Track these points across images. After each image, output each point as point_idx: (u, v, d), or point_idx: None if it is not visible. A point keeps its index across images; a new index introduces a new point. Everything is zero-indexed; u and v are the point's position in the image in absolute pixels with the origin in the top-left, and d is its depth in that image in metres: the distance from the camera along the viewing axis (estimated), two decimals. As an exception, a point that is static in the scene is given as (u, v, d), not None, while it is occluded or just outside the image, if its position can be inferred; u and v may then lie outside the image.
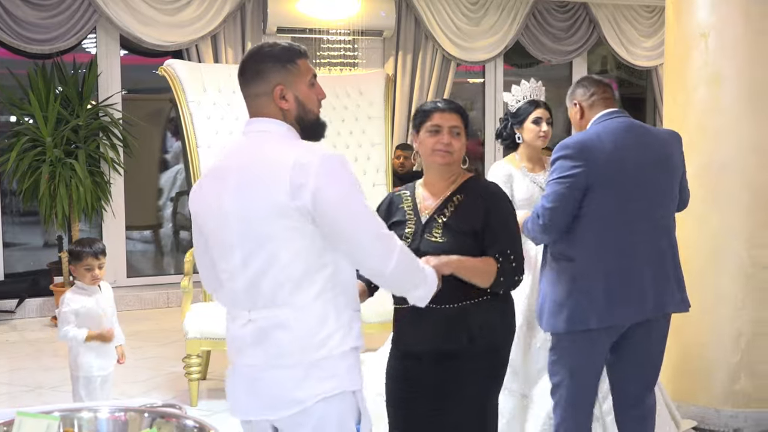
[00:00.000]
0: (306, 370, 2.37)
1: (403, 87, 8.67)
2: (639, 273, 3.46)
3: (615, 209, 3.43)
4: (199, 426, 1.91)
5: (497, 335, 3.03)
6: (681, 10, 4.85)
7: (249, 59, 2.50)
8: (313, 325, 2.37)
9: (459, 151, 3.03)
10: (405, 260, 2.44)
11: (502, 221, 2.99)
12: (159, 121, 8.93)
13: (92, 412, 1.98)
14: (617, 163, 3.42)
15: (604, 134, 3.46)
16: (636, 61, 9.69)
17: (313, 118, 2.50)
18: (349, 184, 2.36)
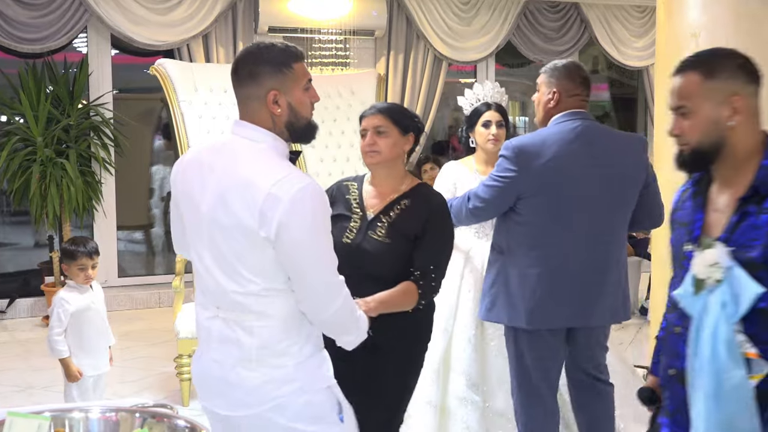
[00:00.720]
0: (266, 375, 2.41)
1: (394, 87, 8.67)
2: (564, 283, 3.45)
3: (548, 218, 3.43)
4: (191, 426, 1.91)
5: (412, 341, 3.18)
6: (672, 10, 4.86)
7: (244, 59, 2.46)
8: (276, 334, 2.41)
9: (387, 149, 3.09)
10: (346, 309, 2.45)
11: (437, 235, 3.06)
12: (150, 121, 8.91)
13: (83, 413, 1.97)
14: (554, 171, 3.40)
15: (552, 140, 3.45)
16: (627, 61, 9.71)
17: (305, 123, 2.49)
18: (313, 226, 2.34)
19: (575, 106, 3.53)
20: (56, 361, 4.33)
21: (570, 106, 3.53)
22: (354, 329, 2.53)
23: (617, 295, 3.57)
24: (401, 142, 3.12)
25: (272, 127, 2.44)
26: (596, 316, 3.55)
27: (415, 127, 3.18)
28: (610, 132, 3.65)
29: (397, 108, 3.22)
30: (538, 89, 3.62)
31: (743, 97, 2.27)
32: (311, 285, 2.37)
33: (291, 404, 2.42)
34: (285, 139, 2.47)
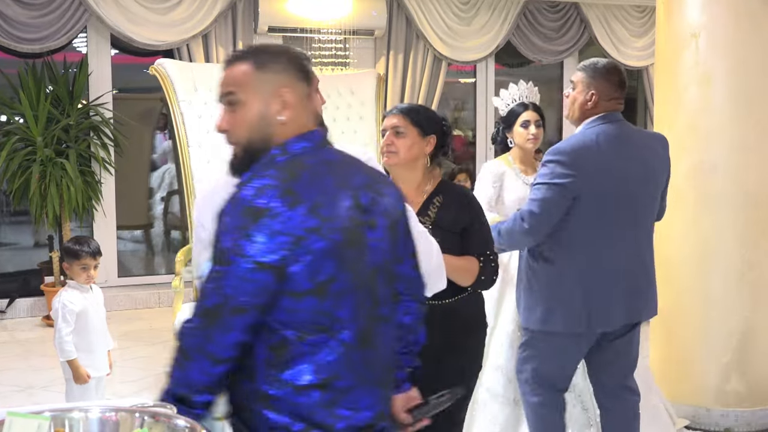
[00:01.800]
0: None
1: (394, 87, 8.66)
2: (615, 284, 3.47)
3: (599, 219, 3.43)
4: (190, 426, 1.91)
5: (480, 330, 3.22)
6: (672, 10, 4.86)
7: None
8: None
9: (404, 149, 3.11)
10: None
11: (483, 224, 3.13)
12: (150, 121, 8.91)
13: (83, 412, 1.97)
14: (605, 173, 3.42)
15: (603, 141, 3.44)
16: (627, 61, 9.70)
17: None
18: None
19: (612, 109, 3.52)
20: (56, 361, 4.33)
21: (606, 109, 3.50)
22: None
23: (653, 291, 3.64)
24: (420, 144, 3.12)
25: None
26: (646, 311, 3.63)
27: (438, 129, 3.16)
28: (640, 132, 3.72)
29: (419, 109, 3.22)
30: (574, 86, 3.56)
31: (293, 91, 2.14)
32: None
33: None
34: None
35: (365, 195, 2.16)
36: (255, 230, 1.99)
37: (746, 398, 4.74)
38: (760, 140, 4.70)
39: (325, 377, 2.06)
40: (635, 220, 3.50)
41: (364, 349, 2.12)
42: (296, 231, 2.00)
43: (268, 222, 1.99)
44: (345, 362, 2.08)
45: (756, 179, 4.70)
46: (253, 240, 1.99)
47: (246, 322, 2.04)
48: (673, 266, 4.87)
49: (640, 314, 3.60)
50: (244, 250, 1.99)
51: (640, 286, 3.54)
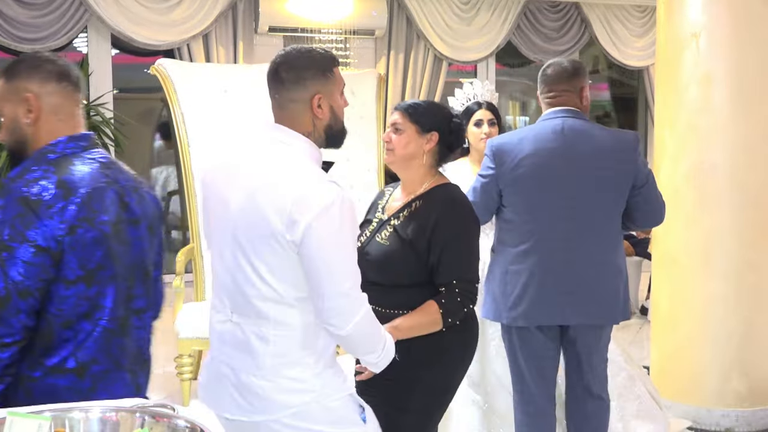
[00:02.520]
0: (280, 384, 2.38)
1: (395, 87, 8.67)
2: (540, 280, 3.45)
3: (526, 215, 3.46)
4: (191, 426, 1.91)
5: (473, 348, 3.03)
6: (672, 11, 4.86)
7: (287, 63, 2.44)
8: (293, 345, 2.37)
9: (400, 147, 2.98)
10: (365, 327, 2.35)
11: (451, 242, 2.82)
12: (150, 121, 8.91)
13: (84, 412, 1.97)
14: (527, 169, 3.43)
15: (529, 137, 3.49)
16: (627, 60, 9.71)
17: (341, 126, 2.55)
18: (340, 235, 2.29)
19: (548, 105, 3.56)
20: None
21: (546, 105, 3.57)
22: (378, 349, 2.43)
23: (609, 295, 3.53)
24: (418, 141, 2.95)
25: (312, 131, 2.45)
26: (582, 315, 3.52)
27: (442, 126, 2.97)
28: (594, 129, 3.57)
29: (420, 105, 3.03)
30: None
31: (37, 96, 2.39)
32: (331, 296, 2.28)
33: (310, 411, 2.38)
34: (320, 144, 2.48)
35: (130, 195, 2.46)
36: (33, 218, 2.20)
37: (747, 398, 4.74)
38: (760, 140, 4.70)
39: (84, 362, 2.30)
40: (569, 222, 3.44)
41: (121, 337, 2.40)
42: (71, 220, 2.24)
43: (44, 211, 2.22)
44: (103, 347, 2.32)
45: (756, 179, 4.70)
46: (32, 227, 2.20)
47: (31, 306, 2.23)
48: (673, 266, 4.87)
49: (570, 317, 3.51)
50: (26, 236, 2.20)
51: (568, 285, 3.47)
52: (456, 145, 3.03)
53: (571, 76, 3.55)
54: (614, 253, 3.53)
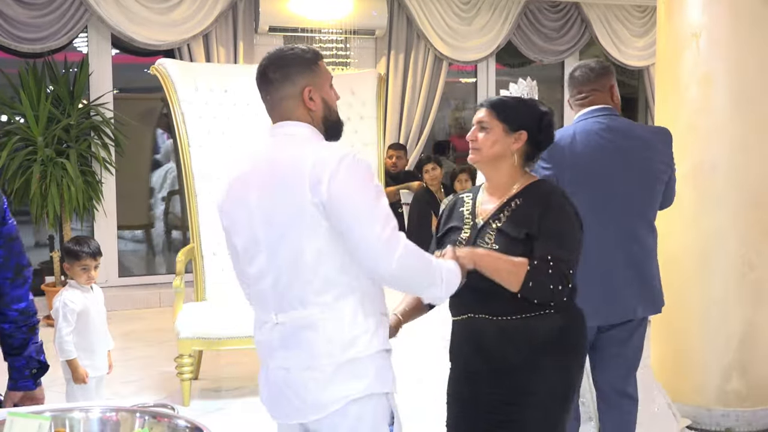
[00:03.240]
0: (335, 371, 2.39)
1: (395, 87, 8.67)
2: (607, 277, 3.46)
3: (586, 211, 3.44)
4: (191, 426, 1.91)
5: (561, 351, 2.79)
6: (672, 10, 4.86)
7: (273, 63, 2.49)
8: (341, 326, 2.39)
9: (487, 147, 2.83)
10: (409, 262, 2.34)
11: (552, 226, 2.72)
12: (151, 121, 8.91)
13: (84, 412, 1.97)
14: (586, 167, 3.45)
15: (579, 134, 3.50)
16: (628, 60, 9.71)
17: (336, 117, 2.57)
18: (363, 181, 2.34)
19: (580, 105, 3.59)
20: (56, 361, 4.33)
21: (577, 106, 3.61)
22: (435, 282, 2.41)
23: (653, 288, 3.60)
24: (506, 141, 2.82)
25: (310, 122, 2.50)
26: (644, 307, 3.58)
27: (532, 124, 2.86)
28: (633, 126, 3.66)
29: (508, 102, 2.92)
30: None
31: None
32: (365, 240, 2.30)
33: (352, 411, 2.40)
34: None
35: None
36: None
37: (747, 398, 4.73)
38: (760, 140, 4.70)
39: None
40: (625, 212, 3.49)
41: None
42: None
43: None
44: None
45: (756, 179, 4.70)
46: None
47: None
48: (673, 266, 4.87)
49: (636, 310, 3.55)
50: None
51: (632, 279, 3.51)
52: (545, 144, 2.92)
53: (599, 76, 3.61)
54: (655, 243, 3.61)
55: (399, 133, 8.64)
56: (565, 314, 2.78)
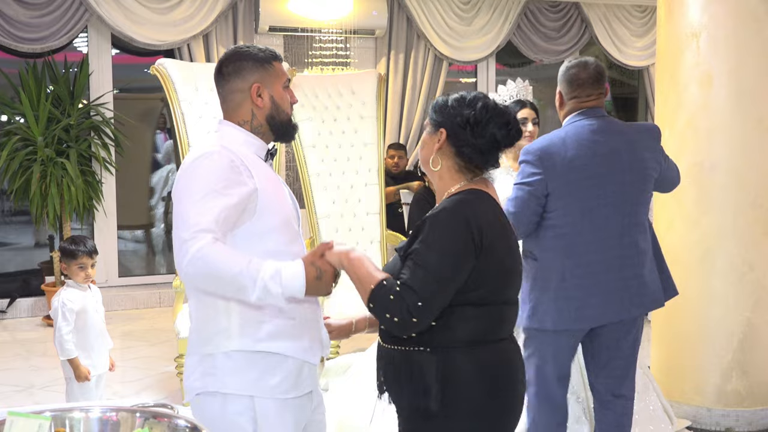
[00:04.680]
0: (197, 363, 2.47)
1: (395, 86, 8.67)
2: (602, 279, 3.47)
3: (579, 215, 3.46)
4: (191, 425, 1.91)
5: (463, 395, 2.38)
6: (672, 10, 4.86)
7: (228, 58, 2.60)
8: (205, 321, 2.46)
9: (421, 153, 2.62)
10: (201, 265, 2.20)
11: (420, 248, 2.34)
12: (151, 121, 8.91)
13: (84, 412, 1.97)
14: (579, 170, 3.44)
15: (570, 138, 3.49)
16: (628, 60, 9.71)
17: (285, 119, 2.59)
18: (197, 179, 2.35)
19: (578, 108, 3.56)
20: (56, 361, 4.33)
21: (576, 107, 3.57)
22: (245, 284, 2.20)
23: (655, 283, 3.61)
24: (430, 142, 2.53)
25: (249, 119, 2.56)
26: (639, 306, 3.58)
27: (448, 121, 2.50)
28: (623, 126, 3.66)
29: (440, 100, 2.59)
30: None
31: None
32: (174, 240, 2.29)
33: (208, 405, 2.43)
34: (264, 135, 2.57)
35: None
36: None
37: (747, 398, 4.73)
38: (760, 140, 4.70)
39: None
40: (617, 214, 3.48)
41: None
42: None
43: None
44: None
45: (756, 179, 4.70)
46: None
47: None
48: (673, 266, 4.86)
49: (630, 309, 3.55)
50: None
51: (627, 279, 3.51)
52: (480, 144, 2.46)
53: (603, 78, 3.61)
54: (648, 243, 3.62)
55: (399, 133, 8.64)
56: (446, 357, 2.37)
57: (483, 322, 2.38)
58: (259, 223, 2.42)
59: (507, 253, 2.43)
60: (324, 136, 5.86)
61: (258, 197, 2.40)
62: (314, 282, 2.26)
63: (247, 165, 2.42)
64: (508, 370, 2.45)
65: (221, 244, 2.24)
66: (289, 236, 2.51)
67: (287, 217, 2.52)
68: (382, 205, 6.04)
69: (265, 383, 2.42)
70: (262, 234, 2.43)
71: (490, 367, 2.40)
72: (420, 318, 2.27)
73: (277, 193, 2.52)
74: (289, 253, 2.44)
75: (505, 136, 2.47)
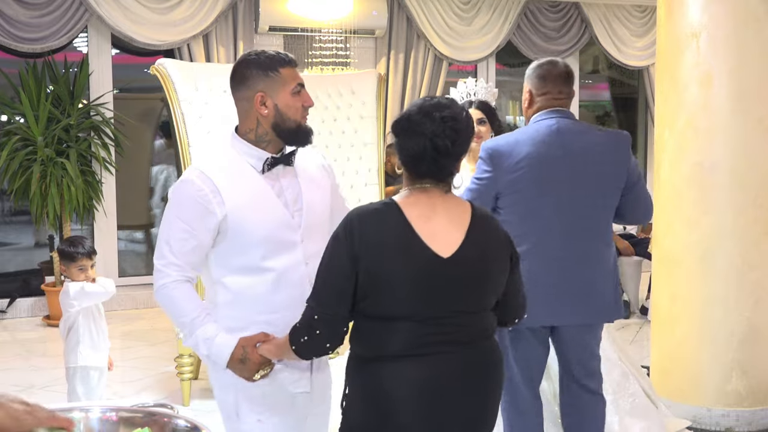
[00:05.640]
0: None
1: (395, 86, 8.67)
2: (542, 281, 3.43)
3: (523, 215, 3.45)
4: (191, 426, 1.91)
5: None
6: (672, 10, 4.86)
7: (237, 65, 2.63)
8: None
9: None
10: (165, 299, 2.60)
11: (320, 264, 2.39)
12: (150, 121, 8.91)
13: (84, 412, 1.97)
14: (526, 170, 3.43)
15: (526, 138, 3.48)
16: (628, 60, 9.71)
17: (293, 126, 2.60)
18: (169, 213, 2.59)
19: (548, 105, 3.54)
20: (56, 361, 4.34)
21: (544, 105, 3.54)
22: (185, 331, 2.60)
23: (604, 294, 3.54)
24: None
25: (254, 128, 2.60)
26: (578, 315, 3.53)
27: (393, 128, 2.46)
28: (588, 129, 3.61)
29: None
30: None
31: None
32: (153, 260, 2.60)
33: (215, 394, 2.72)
34: (271, 142, 2.61)
35: None
36: None
37: (747, 398, 4.74)
38: (760, 140, 4.70)
39: None
40: (567, 221, 3.45)
41: None
42: None
43: None
44: None
45: (756, 179, 4.70)
46: None
47: None
48: (673, 266, 4.87)
49: (569, 318, 3.52)
50: None
51: (571, 289, 3.48)
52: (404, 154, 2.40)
53: (572, 79, 3.60)
54: (608, 251, 3.56)
55: (399, 133, 8.63)
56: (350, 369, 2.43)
57: (401, 336, 2.31)
58: (233, 242, 2.56)
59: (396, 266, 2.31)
60: (324, 136, 5.86)
61: (228, 221, 2.53)
62: (237, 362, 2.51)
63: (221, 188, 2.53)
64: (385, 394, 2.33)
65: (182, 286, 2.55)
66: (266, 250, 2.56)
67: (269, 230, 2.56)
68: (382, 205, 6.04)
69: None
70: (235, 251, 2.57)
71: (371, 387, 2.36)
72: (322, 329, 2.34)
73: (259, 207, 2.56)
74: (263, 269, 2.55)
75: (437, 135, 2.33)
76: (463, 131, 2.39)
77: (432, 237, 2.33)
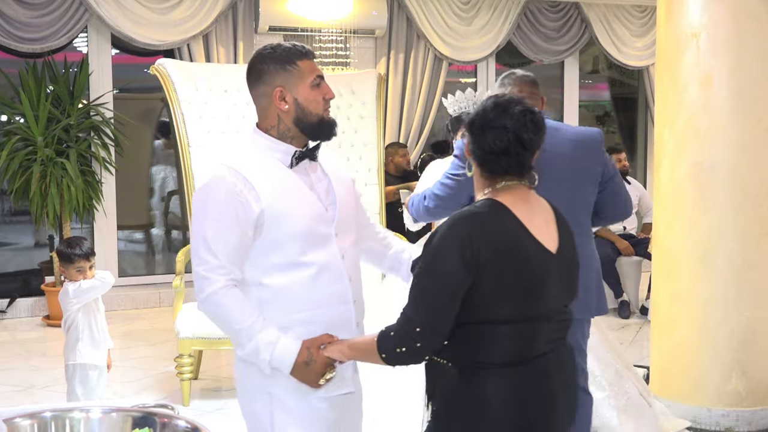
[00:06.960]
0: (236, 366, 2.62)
1: (395, 86, 8.67)
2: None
3: None
4: (191, 426, 1.91)
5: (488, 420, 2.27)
6: (672, 10, 4.86)
7: (253, 61, 2.54)
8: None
9: None
10: (210, 308, 2.46)
11: (418, 271, 2.30)
12: (150, 121, 8.90)
13: (84, 412, 1.97)
14: None
15: None
16: (627, 60, 9.71)
17: (315, 120, 2.52)
18: (200, 212, 2.45)
19: None
20: (56, 361, 4.35)
21: None
22: (241, 340, 2.42)
23: (588, 289, 3.53)
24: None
25: (276, 125, 2.51)
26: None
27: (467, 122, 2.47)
28: (560, 128, 3.64)
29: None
30: None
31: None
32: (193, 269, 2.48)
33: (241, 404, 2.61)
34: (295, 137, 2.52)
35: None
36: None
37: (747, 398, 4.73)
38: (760, 140, 4.70)
39: None
40: None
41: None
42: None
43: None
44: None
45: (756, 179, 4.70)
46: None
47: None
48: (673, 266, 4.87)
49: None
50: None
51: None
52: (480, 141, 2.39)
53: (537, 84, 3.68)
54: (589, 246, 3.58)
55: (399, 132, 8.64)
56: (473, 378, 2.28)
57: (512, 342, 2.25)
58: (269, 238, 2.44)
59: (520, 266, 2.27)
60: (324, 136, 5.86)
61: (264, 217, 2.42)
62: (302, 365, 2.40)
63: (254, 183, 2.42)
64: (537, 392, 2.28)
65: (231, 292, 2.40)
66: (305, 244, 2.46)
67: (306, 223, 2.47)
68: (382, 204, 6.05)
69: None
70: (272, 248, 2.45)
71: (519, 390, 2.26)
72: (423, 342, 2.23)
73: (295, 201, 2.48)
74: (303, 264, 2.46)
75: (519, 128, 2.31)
76: (542, 124, 2.39)
77: (540, 233, 2.34)
